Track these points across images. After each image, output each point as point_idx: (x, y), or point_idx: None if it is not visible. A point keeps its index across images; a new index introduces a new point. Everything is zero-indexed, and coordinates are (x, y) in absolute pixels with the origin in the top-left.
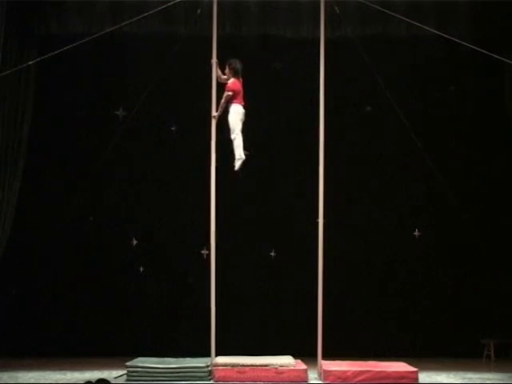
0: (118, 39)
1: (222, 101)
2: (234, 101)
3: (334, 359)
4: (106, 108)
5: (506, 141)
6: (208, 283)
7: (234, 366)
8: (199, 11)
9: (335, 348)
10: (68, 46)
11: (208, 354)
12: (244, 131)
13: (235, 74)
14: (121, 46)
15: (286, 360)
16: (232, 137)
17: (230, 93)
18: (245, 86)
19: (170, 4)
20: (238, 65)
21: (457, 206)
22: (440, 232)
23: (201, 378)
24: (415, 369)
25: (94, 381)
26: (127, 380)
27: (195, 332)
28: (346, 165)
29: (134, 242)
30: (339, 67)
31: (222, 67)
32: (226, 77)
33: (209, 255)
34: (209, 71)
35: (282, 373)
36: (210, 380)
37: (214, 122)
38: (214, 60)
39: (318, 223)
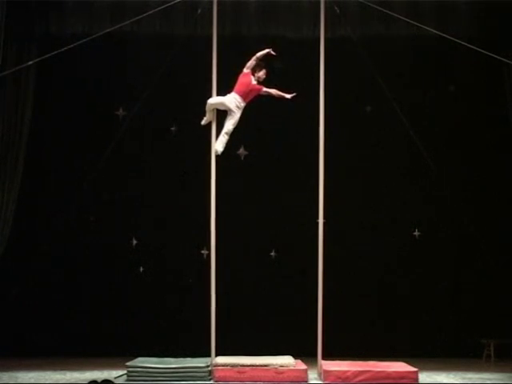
0: (118, 39)
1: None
2: (242, 96)
3: (334, 359)
4: (106, 108)
5: (506, 141)
6: (208, 283)
7: (233, 365)
8: (199, 11)
9: (335, 348)
10: (68, 46)
11: (208, 354)
12: (244, 131)
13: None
14: (121, 46)
15: (286, 360)
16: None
17: (262, 90)
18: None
19: (170, 4)
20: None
21: (456, 205)
22: (440, 232)
23: (201, 378)
24: (415, 369)
25: (99, 381)
26: (127, 380)
27: (195, 332)
28: (346, 165)
29: (134, 242)
30: (339, 67)
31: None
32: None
33: (209, 255)
34: (208, 71)
35: (281, 373)
36: (210, 380)
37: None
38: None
39: (318, 223)
